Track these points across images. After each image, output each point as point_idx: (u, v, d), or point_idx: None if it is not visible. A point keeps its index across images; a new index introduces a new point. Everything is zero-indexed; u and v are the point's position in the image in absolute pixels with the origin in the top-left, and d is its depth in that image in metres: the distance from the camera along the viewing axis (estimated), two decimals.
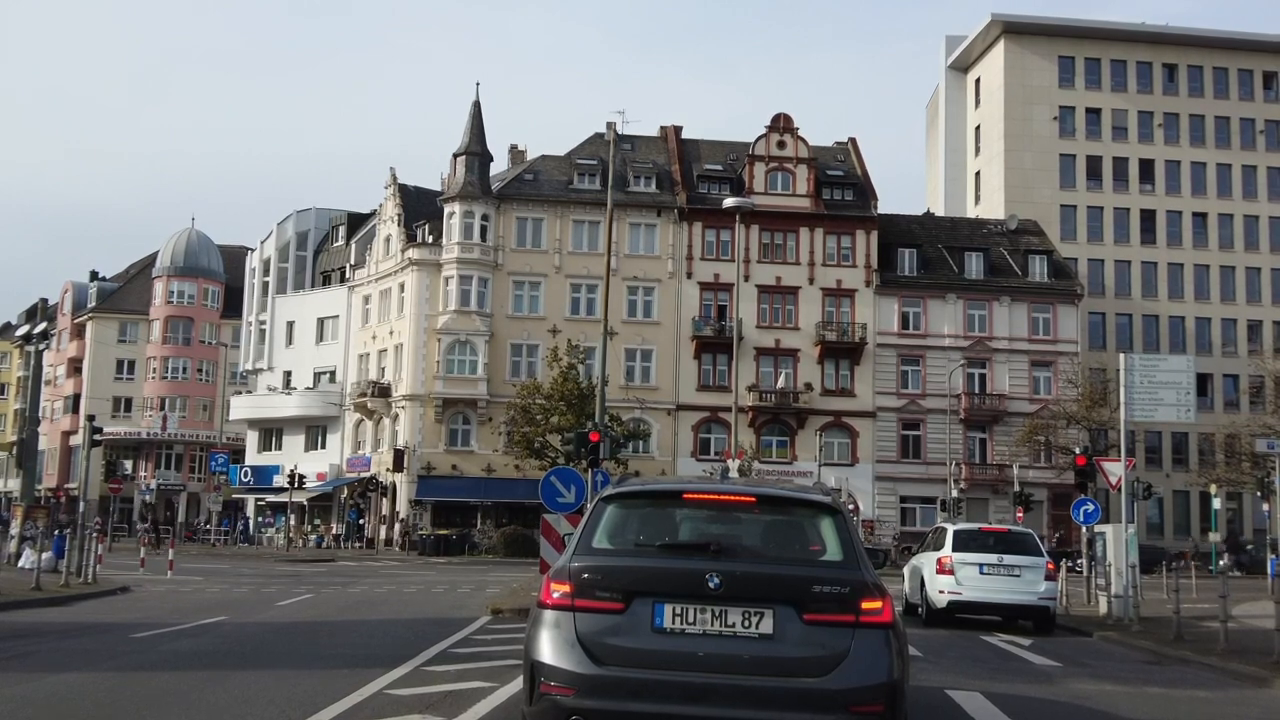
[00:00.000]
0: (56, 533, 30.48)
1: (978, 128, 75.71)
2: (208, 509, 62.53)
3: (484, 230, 56.68)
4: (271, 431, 64.89)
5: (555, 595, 6.01)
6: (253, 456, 65.01)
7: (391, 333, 58.21)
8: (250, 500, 63.77)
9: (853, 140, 64.74)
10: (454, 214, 56.42)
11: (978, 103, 76.14)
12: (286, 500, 55.98)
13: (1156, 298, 68.59)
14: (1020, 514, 46.75)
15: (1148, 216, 69.84)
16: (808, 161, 59.71)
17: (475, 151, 56.98)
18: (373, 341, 59.70)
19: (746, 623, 5.83)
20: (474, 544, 50.55)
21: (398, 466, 54.17)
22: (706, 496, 6.74)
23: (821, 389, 57.57)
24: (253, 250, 72.62)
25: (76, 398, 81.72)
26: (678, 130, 63.61)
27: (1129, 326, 67.54)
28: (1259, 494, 45.57)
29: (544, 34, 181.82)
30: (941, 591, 18.61)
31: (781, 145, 59.65)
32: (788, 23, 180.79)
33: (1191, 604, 21.49)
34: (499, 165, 61.31)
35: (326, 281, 67.03)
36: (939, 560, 18.83)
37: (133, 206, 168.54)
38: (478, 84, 71.80)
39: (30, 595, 20.34)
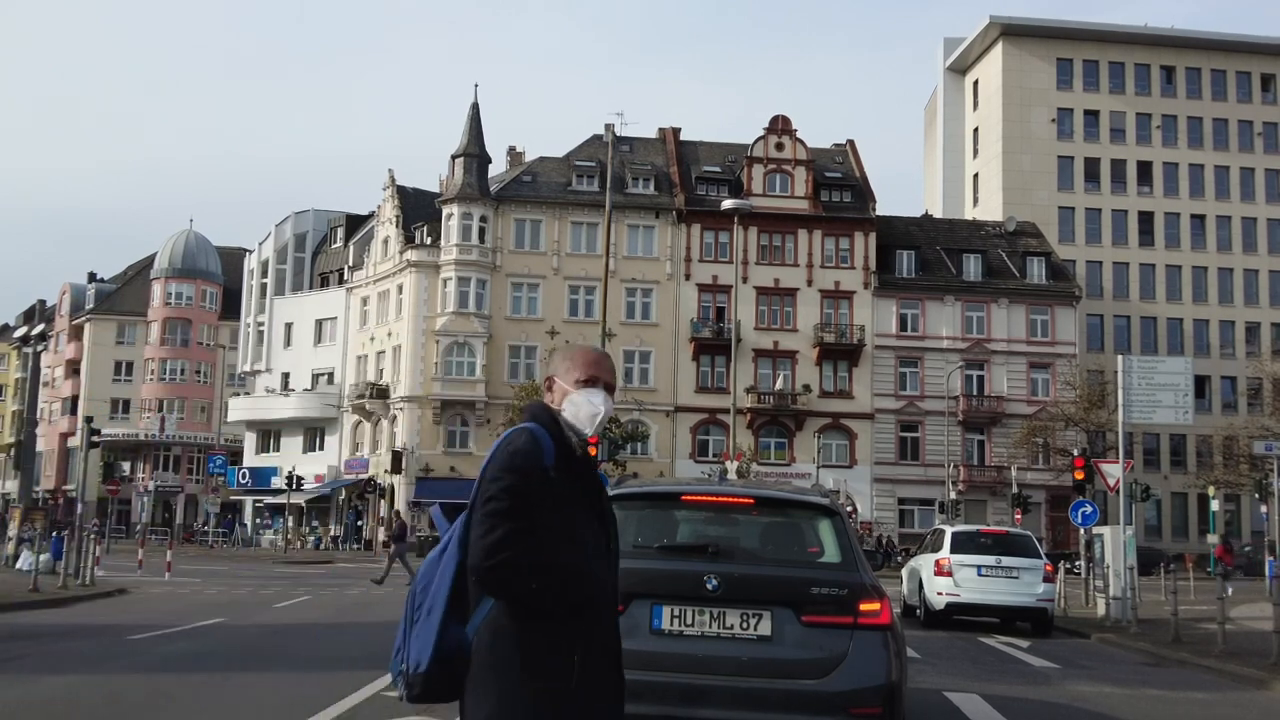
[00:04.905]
0: (54, 534, 30.44)
1: (976, 130, 75.76)
2: (205, 510, 62.47)
3: (482, 232, 56.66)
4: (269, 433, 64.83)
5: None
6: (251, 458, 64.93)
7: (390, 334, 58.17)
8: (248, 502, 63.72)
9: (851, 142, 64.76)
10: (452, 215, 56.39)
11: (976, 105, 76.19)
12: (284, 502, 55.93)
13: (1154, 300, 68.65)
14: (1019, 516, 46.73)
15: (1145, 218, 69.91)
16: (806, 163, 59.70)
17: (473, 153, 56.97)
18: (371, 343, 59.65)
19: (745, 624, 5.80)
20: None
21: (396, 468, 54.03)
22: (705, 498, 6.73)
23: (820, 391, 57.57)
24: (251, 252, 72.53)
25: (74, 399, 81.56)
26: (676, 132, 63.60)
27: (1127, 328, 67.58)
28: (1257, 496, 45.53)
29: (543, 35, 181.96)
30: (940, 593, 18.57)
31: (780, 147, 59.65)
32: (786, 25, 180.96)
33: (1189, 606, 21.48)
34: (497, 167, 61.35)
35: (325, 283, 66.95)
36: (937, 562, 18.79)
37: (131, 208, 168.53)
38: (476, 86, 71.65)
39: (28, 597, 20.29)
